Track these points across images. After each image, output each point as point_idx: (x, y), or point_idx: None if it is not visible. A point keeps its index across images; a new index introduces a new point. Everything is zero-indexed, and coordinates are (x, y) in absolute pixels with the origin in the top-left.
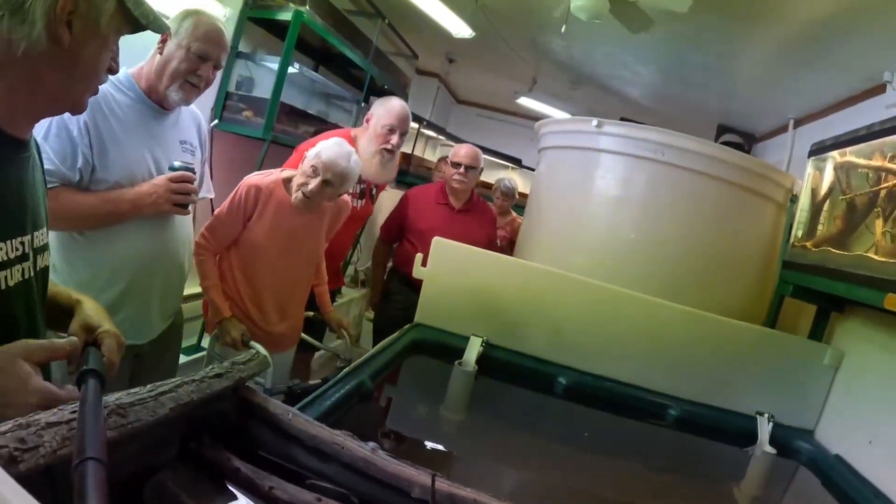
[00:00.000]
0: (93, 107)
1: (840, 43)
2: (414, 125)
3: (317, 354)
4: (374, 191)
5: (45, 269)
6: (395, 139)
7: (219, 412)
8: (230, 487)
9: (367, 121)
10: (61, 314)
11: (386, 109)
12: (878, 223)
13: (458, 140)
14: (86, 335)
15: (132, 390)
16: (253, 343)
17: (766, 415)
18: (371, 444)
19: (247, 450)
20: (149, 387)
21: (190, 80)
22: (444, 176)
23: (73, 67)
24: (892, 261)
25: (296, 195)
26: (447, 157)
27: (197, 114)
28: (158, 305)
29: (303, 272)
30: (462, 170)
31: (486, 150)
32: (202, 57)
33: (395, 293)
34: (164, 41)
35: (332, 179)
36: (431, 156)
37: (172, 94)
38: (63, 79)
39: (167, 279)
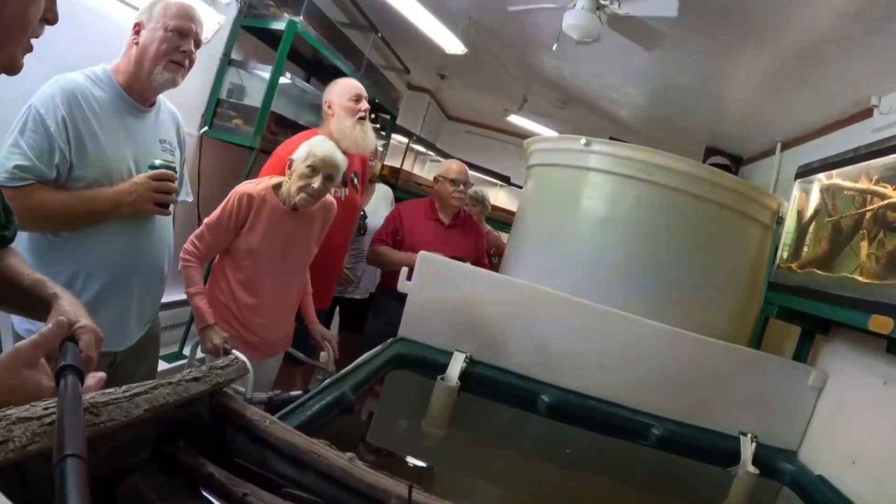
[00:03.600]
0: (70, 102)
1: (828, 67)
2: (403, 139)
3: (302, 368)
4: (355, 178)
5: None
6: (363, 105)
7: (195, 416)
8: (204, 493)
9: (329, 106)
10: (38, 305)
11: (342, 88)
12: (864, 245)
13: (448, 156)
14: (62, 330)
15: (107, 390)
16: (234, 351)
17: (750, 435)
18: (349, 454)
19: (222, 456)
20: (124, 387)
21: (173, 58)
22: (438, 194)
23: None
24: (877, 282)
25: (299, 197)
26: (437, 177)
27: (176, 114)
28: (136, 311)
29: (296, 277)
30: (461, 187)
31: (475, 167)
32: (181, 33)
33: (384, 308)
34: (137, 32)
35: (332, 174)
36: (421, 171)
37: (158, 77)
38: None
39: (146, 283)
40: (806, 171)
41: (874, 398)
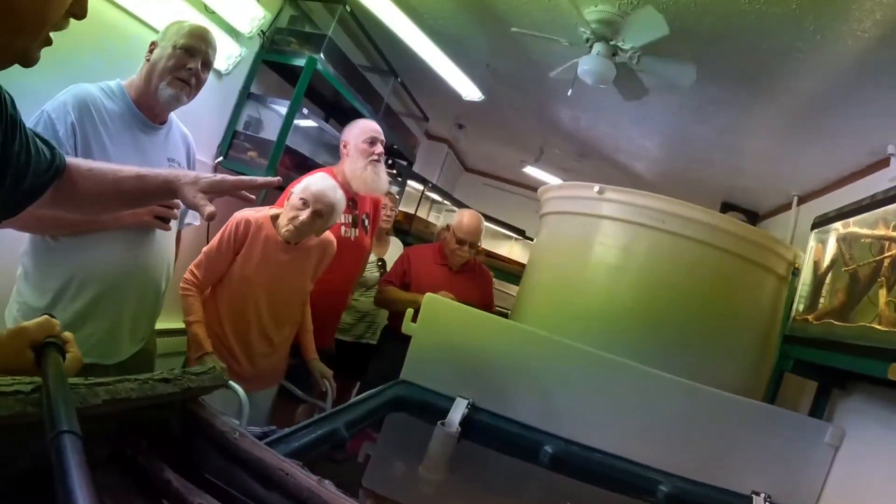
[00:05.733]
0: (81, 110)
1: (843, 116)
2: (418, 187)
3: (301, 407)
4: (366, 220)
5: None
6: (378, 148)
7: (163, 422)
8: (162, 500)
9: (345, 146)
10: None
11: (359, 129)
12: (882, 293)
13: (465, 206)
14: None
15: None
16: (231, 383)
17: (763, 495)
18: (318, 476)
19: (193, 469)
20: (89, 378)
21: (179, 75)
22: (445, 243)
23: (8, 17)
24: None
25: (286, 228)
26: (449, 224)
27: (188, 135)
28: (129, 324)
29: (288, 310)
30: (466, 247)
31: (491, 220)
32: (189, 51)
33: (389, 350)
34: (151, 50)
35: (322, 210)
36: (436, 220)
37: (163, 92)
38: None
39: (141, 296)
40: (822, 221)
41: (893, 455)
